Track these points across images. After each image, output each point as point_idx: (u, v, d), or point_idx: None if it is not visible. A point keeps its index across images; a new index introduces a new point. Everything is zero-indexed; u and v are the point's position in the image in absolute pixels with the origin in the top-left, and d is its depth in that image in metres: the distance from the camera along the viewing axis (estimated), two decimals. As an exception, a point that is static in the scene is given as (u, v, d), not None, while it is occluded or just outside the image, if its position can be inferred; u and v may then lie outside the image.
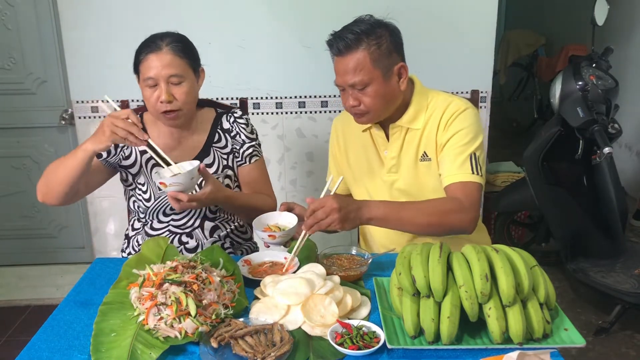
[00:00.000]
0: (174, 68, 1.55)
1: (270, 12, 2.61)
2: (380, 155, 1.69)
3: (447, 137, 1.58)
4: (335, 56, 1.54)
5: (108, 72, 2.62)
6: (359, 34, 1.49)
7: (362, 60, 1.49)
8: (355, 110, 1.56)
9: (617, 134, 2.57)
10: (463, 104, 1.60)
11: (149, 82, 1.55)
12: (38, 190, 1.59)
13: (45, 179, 1.58)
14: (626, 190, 3.77)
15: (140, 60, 1.57)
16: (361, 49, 1.49)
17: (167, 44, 1.56)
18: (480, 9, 2.61)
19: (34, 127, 2.85)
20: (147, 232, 1.73)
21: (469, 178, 1.53)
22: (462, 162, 1.55)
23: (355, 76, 1.50)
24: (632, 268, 2.58)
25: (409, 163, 1.64)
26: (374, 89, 1.52)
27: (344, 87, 1.55)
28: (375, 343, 1.14)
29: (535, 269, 1.21)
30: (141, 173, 1.67)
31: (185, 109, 1.59)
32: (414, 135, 1.63)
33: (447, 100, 1.61)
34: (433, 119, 1.61)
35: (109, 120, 1.43)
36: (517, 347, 1.11)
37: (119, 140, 1.44)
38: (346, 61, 1.50)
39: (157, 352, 1.12)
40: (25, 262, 3.08)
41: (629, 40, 4.14)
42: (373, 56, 1.49)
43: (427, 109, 1.62)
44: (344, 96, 1.57)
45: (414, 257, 1.20)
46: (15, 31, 2.70)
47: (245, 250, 1.82)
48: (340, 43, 1.50)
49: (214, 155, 1.70)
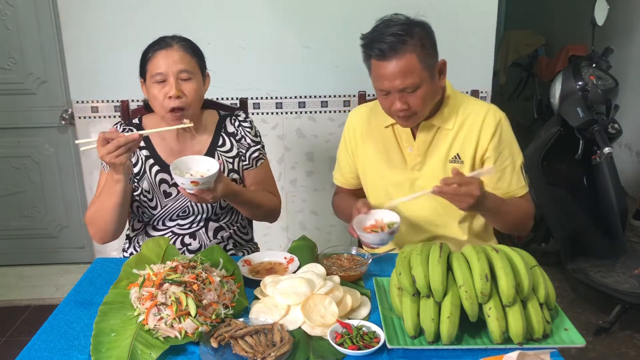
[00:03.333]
0: (184, 64, 1.55)
1: (270, 12, 2.61)
2: (403, 152, 1.66)
3: (496, 149, 1.58)
4: (378, 60, 1.47)
5: (108, 72, 2.62)
6: (402, 36, 1.44)
7: (411, 63, 1.44)
8: (404, 113, 1.51)
9: (617, 134, 2.57)
10: (499, 112, 1.61)
11: (157, 77, 1.54)
12: (94, 237, 1.63)
13: (95, 226, 1.60)
14: (626, 190, 3.77)
15: (148, 59, 1.57)
16: (408, 51, 1.44)
17: (177, 42, 1.57)
18: (480, 9, 2.61)
19: (34, 127, 2.85)
20: (148, 233, 1.73)
21: (526, 190, 1.64)
22: (518, 177, 1.62)
23: (406, 80, 1.45)
24: (632, 268, 2.58)
25: (436, 162, 1.62)
26: (424, 91, 1.48)
27: (389, 91, 1.49)
28: (375, 343, 1.14)
29: (535, 269, 1.21)
30: (145, 179, 1.66)
31: (192, 108, 1.58)
32: (444, 135, 1.61)
33: (483, 106, 1.62)
34: (470, 123, 1.59)
35: (104, 157, 1.41)
36: (517, 347, 1.11)
37: (127, 155, 1.43)
38: (393, 65, 1.44)
39: (157, 352, 1.12)
40: (25, 262, 3.08)
41: (629, 40, 4.14)
42: (420, 58, 1.45)
43: (460, 111, 1.61)
44: (388, 100, 1.51)
45: (414, 257, 1.20)
46: (15, 31, 2.70)
47: (246, 251, 1.81)
48: (383, 46, 1.44)
49: (218, 159, 1.69)
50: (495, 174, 1.61)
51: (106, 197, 1.53)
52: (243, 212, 1.73)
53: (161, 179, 1.65)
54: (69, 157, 2.91)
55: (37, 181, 2.94)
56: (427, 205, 1.63)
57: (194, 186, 1.42)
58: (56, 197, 2.96)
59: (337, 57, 2.66)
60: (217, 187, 1.47)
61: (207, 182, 1.43)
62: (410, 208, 1.66)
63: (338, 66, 2.67)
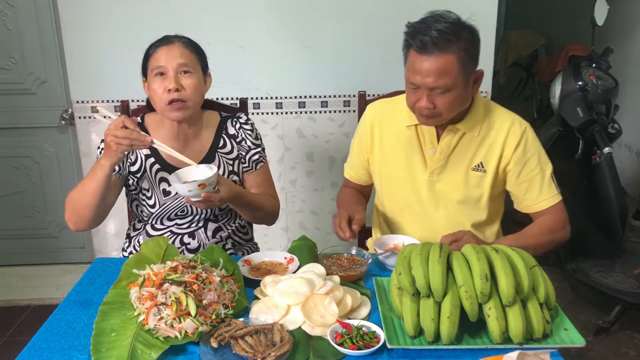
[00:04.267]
0: (184, 59, 1.56)
1: (270, 12, 2.61)
2: (425, 154, 1.63)
3: (519, 160, 1.57)
4: (417, 52, 1.42)
5: (108, 72, 2.63)
6: (448, 34, 1.39)
7: (450, 64, 1.40)
8: (428, 112, 1.47)
9: (617, 134, 2.57)
10: (524, 122, 1.60)
11: (157, 70, 1.55)
12: (68, 221, 1.59)
13: (72, 208, 1.57)
14: (626, 190, 3.77)
15: (149, 55, 1.58)
16: (451, 52, 1.40)
17: (179, 40, 1.59)
18: (480, 9, 2.60)
19: (34, 127, 2.86)
20: (148, 233, 1.73)
21: (558, 199, 1.62)
22: (548, 186, 1.60)
23: (440, 80, 1.41)
24: (632, 268, 2.58)
25: (458, 168, 1.61)
26: (454, 94, 1.44)
27: (419, 86, 1.45)
28: (375, 343, 1.14)
29: (535, 269, 1.21)
30: (145, 178, 1.66)
31: (192, 102, 1.57)
32: (469, 141, 1.59)
33: (509, 115, 1.61)
34: (497, 132, 1.58)
35: (109, 136, 1.42)
36: (517, 347, 1.11)
37: (126, 149, 1.44)
38: (431, 61, 1.40)
39: (157, 352, 1.12)
40: (25, 262, 3.09)
41: (629, 40, 4.15)
42: (461, 62, 1.41)
43: (487, 119, 1.59)
44: (415, 94, 1.47)
45: (414, 257, 1.20)
46: (15, 31, 2.70)
47: (246, 251, 1.81)
48: (426, 39, 1.39)
49: (219, 160, 1.69)
50: (522, 183, 1.60)
51: (88, 180, 1.52)
52: (244, 215, 1.73)
53: (161, 178, 1.65)
54: (69, 157, 2.91)
55: (37, 181, 2.94)
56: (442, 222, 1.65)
57: (201, 189, 1.41)
58: (56, 197, 2.96)
59: (337, 57, 2.66)
60: (221, 189, 1.48)
61: (212, 182, 1.43)
62: (428, 227, 1.66)
63: (338, 66, 2.68)
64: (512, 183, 1.62)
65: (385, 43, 2.58)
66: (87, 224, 1.59)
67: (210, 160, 1.68)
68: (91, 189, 1.51)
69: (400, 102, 1.63)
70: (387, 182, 1.72)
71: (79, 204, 1.55)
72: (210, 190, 1.43)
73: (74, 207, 1.56)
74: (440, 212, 1.66)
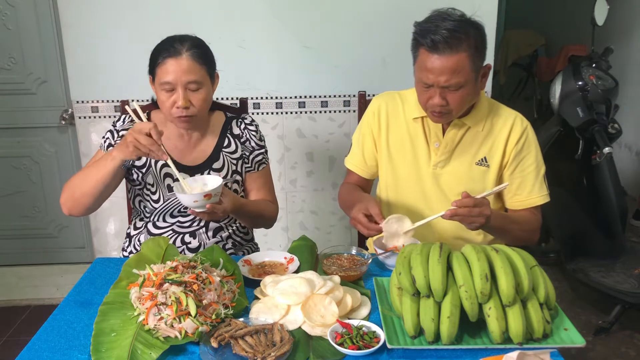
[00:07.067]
0: (193, 75, 1.53)
1: (270, 12, 2.61)
2: (430, 147, 1.64)
3: (517, 156, 1.60)
4: (428, 52, 1.44)
5: (108, 72, 2.62)
6: (458, 33, 1.42)
7: (462, 62, 1.42)
8: (440, 109, 1.49)
9: (617, 134, 2.57)
10: (525, 120, 1.63)
11: (166, 86, 1.53)
12: (63, 205, 1.59)
13: (71, 193, 1.56)
14: (626, 190, 3.78)
15: (157, 64, 1.55)
16: (462, 49, 1.42)
17: (187, 50, 1.54)
18: (480, 9, 2.60)
19: (34, 127, 2.85)
20: (149, 231, 1.73)
21: (545, 199, 1.65)
22: (540, 185, 1.63)
23: (453, 78, 1.43)
24: (632, 268, 2.58)
25: (461, 162, 1.62)
26: (465, 91, 1.47)
27: (432, 85, 1.46)
28: (375, 343, 1.14)
29: (535, 269, 1.21)
30: (149, 173, 1.67)
31: (200, 114, 1.59)
32: (474, 135, 1.61)
33: (511, 112, 1.64)
34: (501, 128, 1.60)
35: (132, 136, 1.42)
36: (517, 347, 1.11)
37: (141, 154, 1.45)
38: (443, 60, 1.42)
39: (157, 352, 1.12)
40: (25, 262, 3.08)
41: (629, 40, 4.15)
42: (472, 58, 1.44)
43: (491, 114, 1.61)
44: (427, 93, 1.49)
45: (414, 257, 1.20)
46: (15, 31, 2.69)
47: (246, 251, 1.82)
48: (437, 39, 1.41)
49: (223, 159, 1.70)
50: (516, 179, 1.62)
51: (94, 169, 1.52)
52: (244, 222, 1.75)
53: (166, 173, 1.66)
54: (69, 157, 2.91)
55: (37, 181, 2.94)
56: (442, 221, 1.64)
57: (207, 200, 1.42)
58: (56, 197, 2.92)
59: (337, 57, 2.66)
60: (224, 200, 1.49)
61: (217, 192, 1.45)
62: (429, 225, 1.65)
63: (338, 66, 2.67)
64: (506, 177, 1.64)
65: (385, 43, 2.58)
66: (82, 211, 1.59)
67: (214, 159, 1.68)
68: (96, 178, 1.51)
69: (407, 94, 1.66)
70: (392, 173, 1.72)
71: (78, 191, 1.55)
72: (214, 202, 1.45)
73: (72, 193, 1.56)
74: (443, 205, 1.66)
